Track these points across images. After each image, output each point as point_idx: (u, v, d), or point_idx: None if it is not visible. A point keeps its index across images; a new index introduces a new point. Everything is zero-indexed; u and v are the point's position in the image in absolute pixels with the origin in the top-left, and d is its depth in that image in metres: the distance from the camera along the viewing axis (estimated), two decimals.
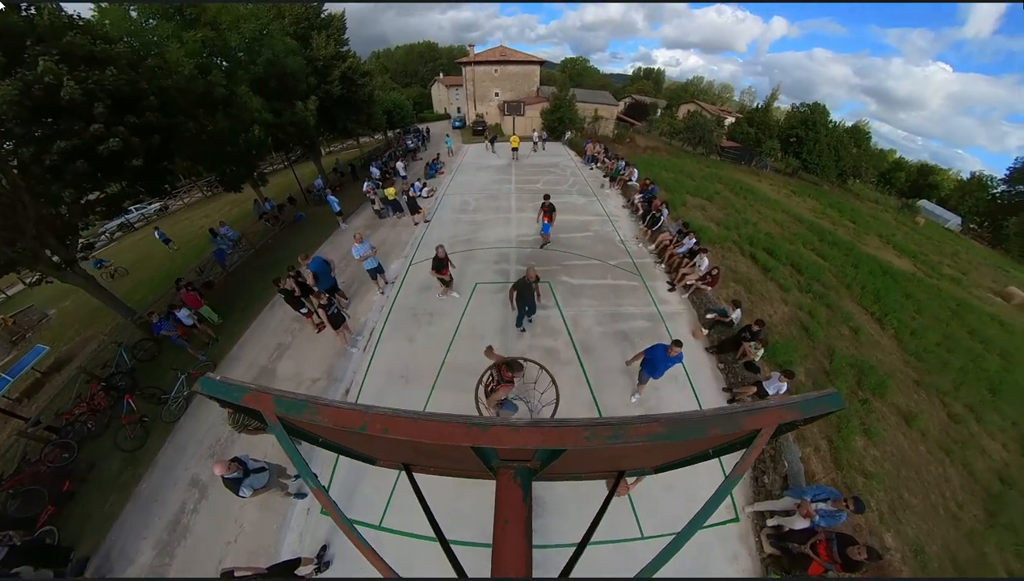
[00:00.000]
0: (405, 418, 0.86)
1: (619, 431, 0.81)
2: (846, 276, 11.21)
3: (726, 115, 41.70)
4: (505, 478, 1.20)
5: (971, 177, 36.97)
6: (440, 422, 0.85)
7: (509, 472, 1.20)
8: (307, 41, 14.84)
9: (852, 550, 3.43)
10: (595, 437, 0.81)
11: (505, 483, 1.19)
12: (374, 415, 0.87)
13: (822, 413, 0.93)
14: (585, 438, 0.81)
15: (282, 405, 0.94)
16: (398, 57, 66.28)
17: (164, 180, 8.14)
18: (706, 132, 29.55)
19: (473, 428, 0.84)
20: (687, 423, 0.83)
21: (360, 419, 0.88)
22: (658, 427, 0.81)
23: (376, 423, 0.86)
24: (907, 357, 8.40)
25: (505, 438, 0.83)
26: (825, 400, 0.92)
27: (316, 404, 0.92)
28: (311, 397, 0.95)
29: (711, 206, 14.66)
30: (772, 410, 0.88)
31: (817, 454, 5.47)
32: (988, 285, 17.26)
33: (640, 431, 0.81)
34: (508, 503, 1.15)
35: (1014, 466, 6.56)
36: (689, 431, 0.82)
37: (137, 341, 7.70)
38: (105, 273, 12.42)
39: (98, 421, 6.15)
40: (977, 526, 5.35)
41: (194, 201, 22.60)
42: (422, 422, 0.85)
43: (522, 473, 1.19)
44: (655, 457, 1.58)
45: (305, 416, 0.92)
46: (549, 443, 0.82)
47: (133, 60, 6.58)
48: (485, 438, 0.84)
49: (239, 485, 3.82)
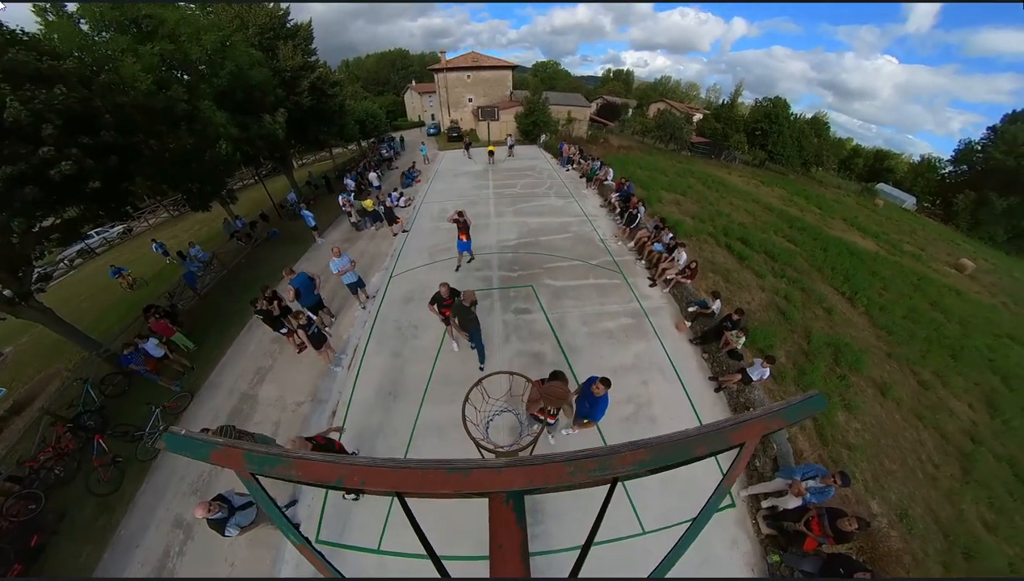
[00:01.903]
0: (384, 467, 0.84)
1: (605, 463, 0.81)
2: (816, 259, 11.72)
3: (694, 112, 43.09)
4: (497, 502, 1.19)
5: (922, 160, 39.60)
6: (420, 469, 0.83)
7: (501, 496, 1.20)
8: (273, 52, 14.46)
9: (842, 522, 3.55)
10: (580, 471, 0.80)
11: (497, 508, 1.18)
12: (351, 467, 0.84)
13: (806, 416, 0.94)
14: (569, 473, 0.81)
15: (253, 461, 0.90)
16: (369, 65, 65.63)
17: (126, 202, 7.73)
18: (676, 129, 30.48)
19: (454, 474, 0.83)
20: (673, 446, 0.83)
21: (335, 472, 0.84)
22: (644, 454, 0.82)
23: (354, 476, 0.83)
24: (878, 332, 8.84)
25: (486, 482, 0.82)
26: (808, 404, 0.92)
27: (289, 458, 0.88)
28: (284, 452, 0.91)
29: (685, 200, 15.07)
30: (757, 422, 0.89)
31: (803, 433, 5.65)
32: (944, 259, 18.42)
33: (626, 460, 0.81)
34: (501, 528, 1.13)
35: (981, 424, 7.01)
36: (676, 455, 0.83)
37: (105, 376, 7.22)
38: (123, 282, 11.85)
39: (66, 466, 5.70)
40: (954, 484, 5.67)
41: (160, 222, 21.59)
42: (401, 471, 0.83)
43: (514, 496, 1.20)
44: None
45: (278, 471, 0.88)
46: (533, 483, 0.82)
47: (85, 77, 6.22)
48: (467, 483, 0.83)
49: (224, 525, 3.62)
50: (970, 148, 32.48)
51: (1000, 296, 15.60)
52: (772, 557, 4.19)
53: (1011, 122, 29.57)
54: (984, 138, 31.34)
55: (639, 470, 0.84)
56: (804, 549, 3.89)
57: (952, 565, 4.64)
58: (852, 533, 3.58)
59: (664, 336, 7.31)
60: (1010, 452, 6.63)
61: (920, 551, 4.63)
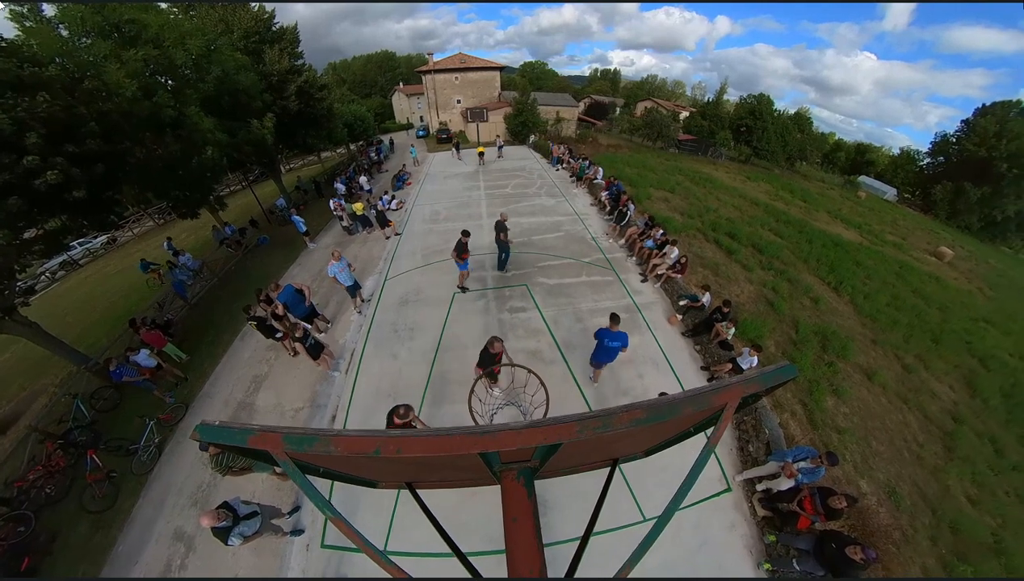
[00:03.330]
0: (416, 436, 0.89)
1: (606, 421, 0.89)
2: (802, 251, 12.02)
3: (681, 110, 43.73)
4: (509, 479, 1.26)
5: (901, 153, 40.72)
6: (450, 435, 0.89)
7: (512, 473, 1.26)
8: (259, 56, 14.32)
9: (832, 500, 3.70)
10: (586, 429, 0.88)
11: (509, 484, 1.25)
12: (386, 439, 0.89)
13: (779, 383, 1.02)
14: (577, 431, 0.88)
15: (292, 442, 0.93)
16: (356, 68, 65.00)
17: (110, 211, 7.60)
18: (663, 127, 30.91)
19: (484, 436, 0.89)
20: (663, 406, 0.92)
21: (372, 444, 0.89)
22: (639, 413, 0.90)
23: (389, 446, 0.88)
24: (863, 319, 9.12)
25: (509, 440, 0.88)
26: (780, 372, 1.02)
27: (327, 436, 0.92)
28: (320, 430, 0.95)
29: (674, 197, 15.31)
30: (735, 386, 0.98)
31: (794, 418, 5.82)
32: (924, 247, 19.01)
33: (624, 419, 0.89)
34: (515, 502, 1.21)
35: (962, 404, 7.31)
36: (665, 413, 0.91)
37: (95, 390, 7.07)
38: (154, 278, 11.57)
39: (58, 484, 5.54)
40: (938, 462, 5.91)
41: (145, 231, 21.17)
42: (433, 438, 0.89)
43: (524, 473, 1.26)
44: (643, 442, 1.69)
45: (317, 449, 0.91)
46: (548, 440, 0.89)
47: (68, 84, 6.10)
48: (493, 443, 0.89)
49: (228, 534, 3.59)
50: (945, 140, 33.50)
51: (976, 282, 16.18)
52: (768, 537, 4.32)
53: (982, 115, 30.62)
54: (958, 131, 32.34)
55: (636, 431, 0.91)
56: (798, 528, 4.02)
57: (939, 538, 4.84)
58: (842, 510, 3.73)
59: (657, 330, 7.46)
60: (990, 429, 6.92)
61: (909, 526, 4.81)
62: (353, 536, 0.92)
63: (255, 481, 5.06)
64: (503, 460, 1.30)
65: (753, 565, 4.21)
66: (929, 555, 4.63)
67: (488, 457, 1.25)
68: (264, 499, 4.41)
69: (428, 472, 1.83)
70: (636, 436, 1.51)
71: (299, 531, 4.65)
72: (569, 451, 1.51)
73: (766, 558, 4.20)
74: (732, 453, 5.32)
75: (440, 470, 1.65)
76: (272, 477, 5.10)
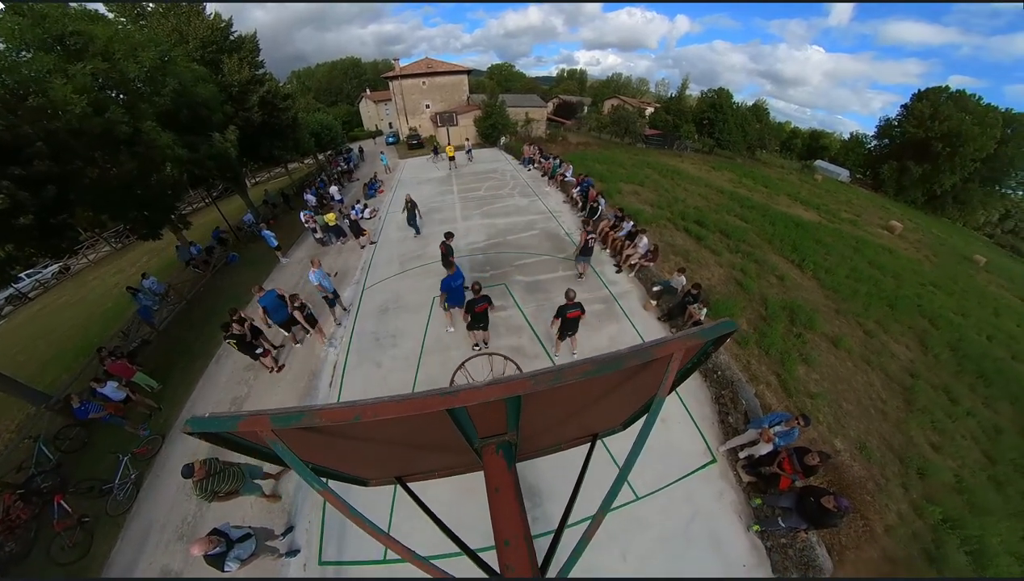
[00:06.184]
0: (389, 401, 0.94)
1: (558, 375, 0.95)
2: (766, 233, 12.65)
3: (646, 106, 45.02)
4: (489, 453, 1.34)
5: (851, 137, 43.74)
6: (418, 398, 0.94)
7: (491, 447, 1.34)
8: (218, 67, 13.83)
9: (807, 457, 3.94)
10: (540, 382, 0.94)
11: (490, 458, 1.33)
12: (363, 406, 0.94)
13: (720, 335, 1.10)
14: (532, 384, 0.94)
15: (279, 420, 0.96)
16: (320, 75, 63.45)
17: (63, 237, 7.16)
18: (630, 123, 31.79)
19: (447, 396, 0.95)
20: (609, 359, 0.98)
21: (352, 412, 0.94)
22: (588, 366, 0.96)
23: (367, 412, 0.93)
24: (826, 292, 9.69)
25: (473, 396, 0.94)
26: (720, 327, 1.09)
27: (311, 411, 0.96)
28: (304, 406, 0.99)
29: (644, 190, 15.78)
30: (676, 340, 1.05)
31: (769, 389, 6.13)
32: (876, 222, 20.39)
33: (575, 371, 0.95)
34: (495, 473, 1.29)
35: (917, 361, 7.93)
36: (612, 365, 0.97)
37: (59, 430, 6.56)
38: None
39: (20, 539, 5.05)
40: (901, 415, 6.37)
41: (102, 256, 19.92)
42: (405, 402, 0.94)
43: (503, 446, 1.34)
44: (616, 412, 1.77)
45: (304, 423, 0.95)
46: (507, 393, 0.94)
47: (10, 102, 5.76)
48: (458, 400, 0.95)
49: (223, 560, 3.43)
50: (889, 124, 36.13)
51: (924, 251, 17.50)
52: (755, 501, 4.54)
53: (918, 100, 33.23)
54: (899, 115, 34.93)
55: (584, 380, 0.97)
56: (780, 488, 4.26)
57: (909, 484, 5.20)
58: (817, 466, 3.98)
59: (634, 316, 7.71)
60: (943, 381, 7.52)
61: (881, 476, 5.16)
62: (343, 508, 0.96)
63: (244, 506, 4.88)
64: (481, 436, 1.36)
65: (743, 529, 4.41)
66: (902, 500, 4.97)
67: (467, 433, 1.31)
68: (255, 522, 4.25)
69: (415, 462, 1.86)
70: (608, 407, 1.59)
71: (295, 551, 4.52)
72: (543, 422, 1.59)
73: (754, 520, 4.41)
74: (714, 426, 5.55)
75: (424, 453, 1.68)
76: (261, 499, 4.93)
